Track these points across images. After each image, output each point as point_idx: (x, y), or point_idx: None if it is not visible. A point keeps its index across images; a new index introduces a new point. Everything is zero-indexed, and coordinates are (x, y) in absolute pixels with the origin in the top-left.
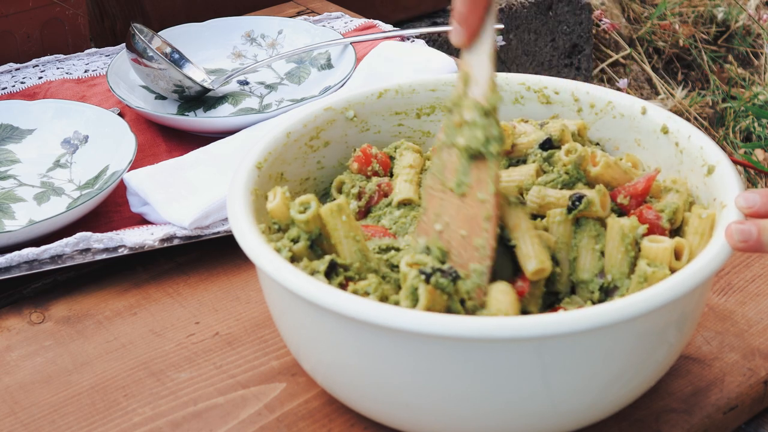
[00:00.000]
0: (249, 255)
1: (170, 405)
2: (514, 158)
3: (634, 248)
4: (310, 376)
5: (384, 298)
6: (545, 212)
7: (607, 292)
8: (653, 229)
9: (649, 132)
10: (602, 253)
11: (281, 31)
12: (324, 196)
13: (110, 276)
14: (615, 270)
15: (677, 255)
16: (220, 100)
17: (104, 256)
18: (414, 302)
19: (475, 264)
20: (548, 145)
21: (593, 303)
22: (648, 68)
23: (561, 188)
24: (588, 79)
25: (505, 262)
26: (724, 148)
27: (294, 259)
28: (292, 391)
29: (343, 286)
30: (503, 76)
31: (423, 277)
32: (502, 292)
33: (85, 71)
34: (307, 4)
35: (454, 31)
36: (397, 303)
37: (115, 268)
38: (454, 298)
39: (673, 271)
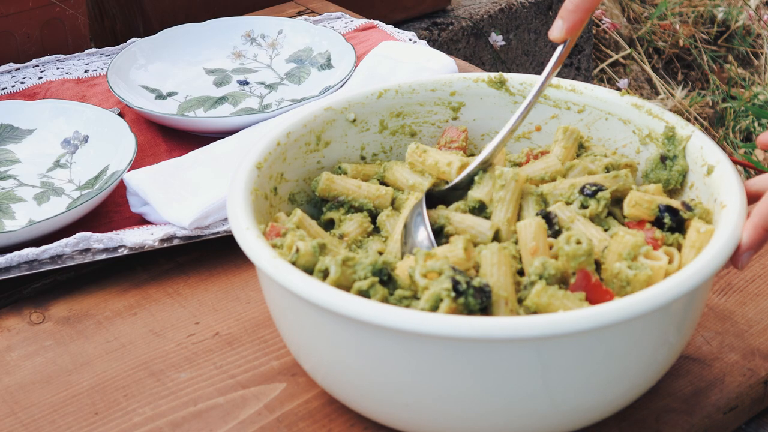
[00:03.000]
0: (249, 255)
1: (170, 405)
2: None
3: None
4: (310, 376)
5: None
6: None
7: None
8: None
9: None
10: None
11: (281, 31)
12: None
13: (110, 276)
14: (607, 274)
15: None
16: (220, 100)
17: (104, 256)
18: (432, 309)
19: None
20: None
21: None
22: (648, 68)
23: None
24: (588, 79)
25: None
26: (724, 148)
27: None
28: (292, 391)
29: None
30: (515, 77)
31: (453, 294)
32: (494, 265)
33: (85, 71)
34: (307, 4)
35: (554, 25)
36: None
37: (115, 268)
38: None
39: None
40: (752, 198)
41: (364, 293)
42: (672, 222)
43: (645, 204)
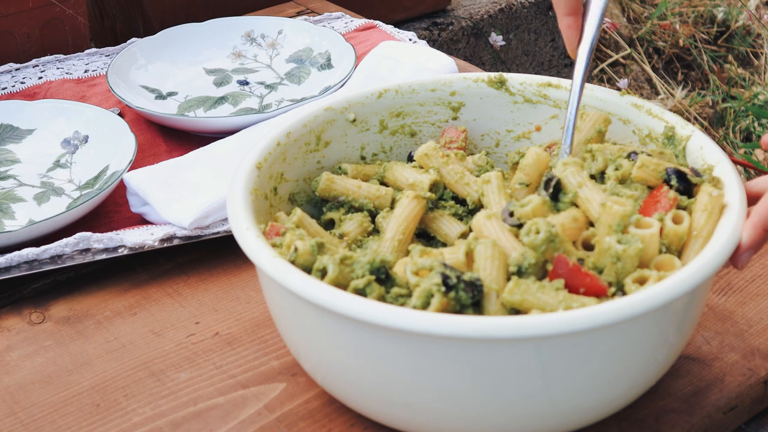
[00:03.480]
0: (249, 255)
1: (170, 405)
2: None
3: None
4: (310, 376)
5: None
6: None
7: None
8: (652, 210)
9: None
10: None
11: (281, 31)
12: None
13: (110, 276)
14: (600, 248)
15: (676, 222)
16: (220, 100)
17: (104, 256)
18: (424, 305)
19: None
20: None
21: None
22: (648, 68)
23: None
24: (588, 79)
25: None
26: (724, 148)
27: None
28: (292, 391)
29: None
30: (515, 77)
31: (443, 289)
32: (487, 258)
33: (85, 71)
34: (307, 4)
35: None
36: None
37: (115, 268)
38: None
39: (668, 250)
40: (752, 199)
41: (360, 291)
42: (679, 185)
43: (652, 166)
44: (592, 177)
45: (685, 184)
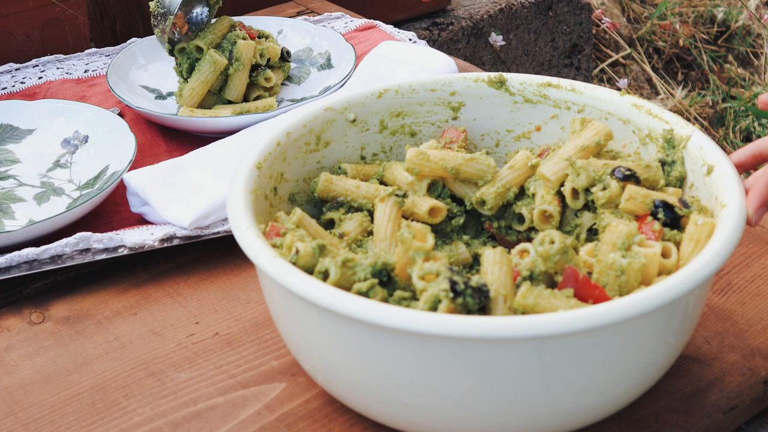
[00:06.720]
0: (249, 255)
1: (170, 405)
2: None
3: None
4: (310, 376)
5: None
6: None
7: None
8: (646, 229)
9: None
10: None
11: (281, 31)
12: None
13: (110, 276)
14: (602, 266)
15: (664, 255)
16: None
17: (104, 256)
18: (431, 310)
19: None
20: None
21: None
22: (648, 68)
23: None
24: (588, 79)
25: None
26: (724, 148)
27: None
28: (292, 391)
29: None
30: (515, 77)
31: (451, 294)
32: (496, 264)
33: (85, 71)
34: (307, 4)
35: None
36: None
37: (115, 268)
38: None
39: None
40: None
41: (363, 295)
42: (666, 218)
43: (640, 198)
44: (575, 192)
45: (673, 216)
